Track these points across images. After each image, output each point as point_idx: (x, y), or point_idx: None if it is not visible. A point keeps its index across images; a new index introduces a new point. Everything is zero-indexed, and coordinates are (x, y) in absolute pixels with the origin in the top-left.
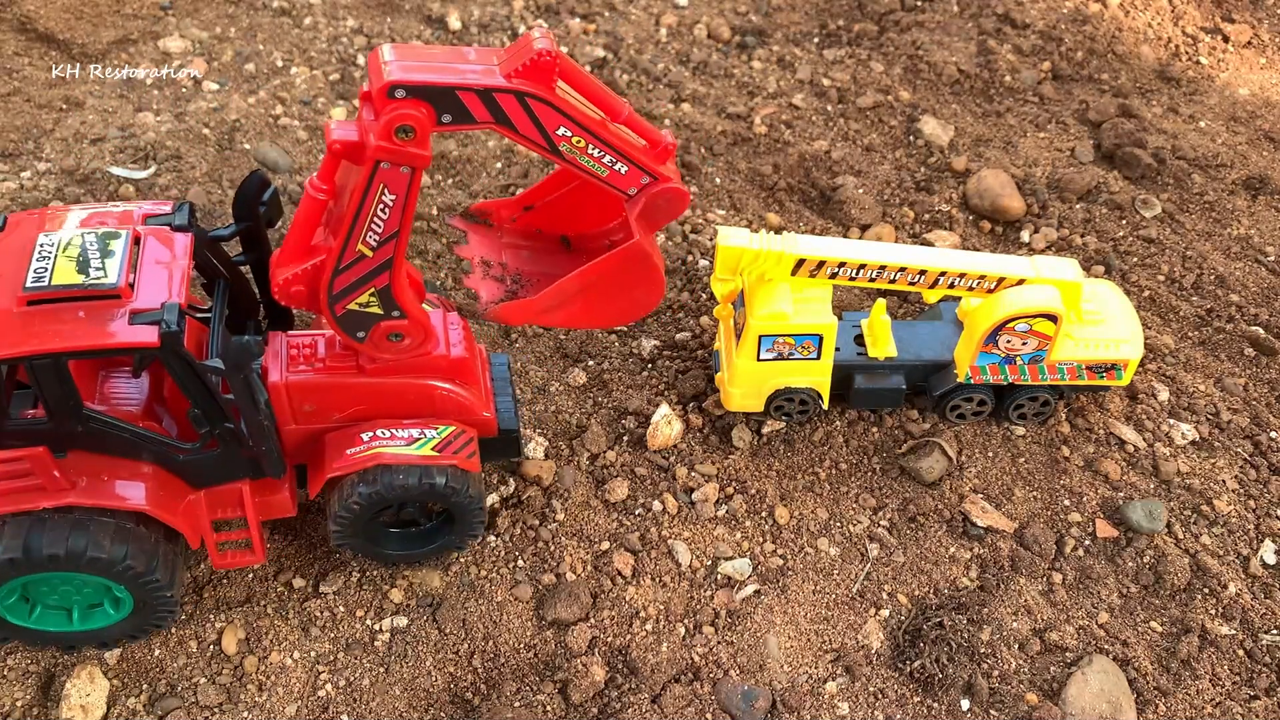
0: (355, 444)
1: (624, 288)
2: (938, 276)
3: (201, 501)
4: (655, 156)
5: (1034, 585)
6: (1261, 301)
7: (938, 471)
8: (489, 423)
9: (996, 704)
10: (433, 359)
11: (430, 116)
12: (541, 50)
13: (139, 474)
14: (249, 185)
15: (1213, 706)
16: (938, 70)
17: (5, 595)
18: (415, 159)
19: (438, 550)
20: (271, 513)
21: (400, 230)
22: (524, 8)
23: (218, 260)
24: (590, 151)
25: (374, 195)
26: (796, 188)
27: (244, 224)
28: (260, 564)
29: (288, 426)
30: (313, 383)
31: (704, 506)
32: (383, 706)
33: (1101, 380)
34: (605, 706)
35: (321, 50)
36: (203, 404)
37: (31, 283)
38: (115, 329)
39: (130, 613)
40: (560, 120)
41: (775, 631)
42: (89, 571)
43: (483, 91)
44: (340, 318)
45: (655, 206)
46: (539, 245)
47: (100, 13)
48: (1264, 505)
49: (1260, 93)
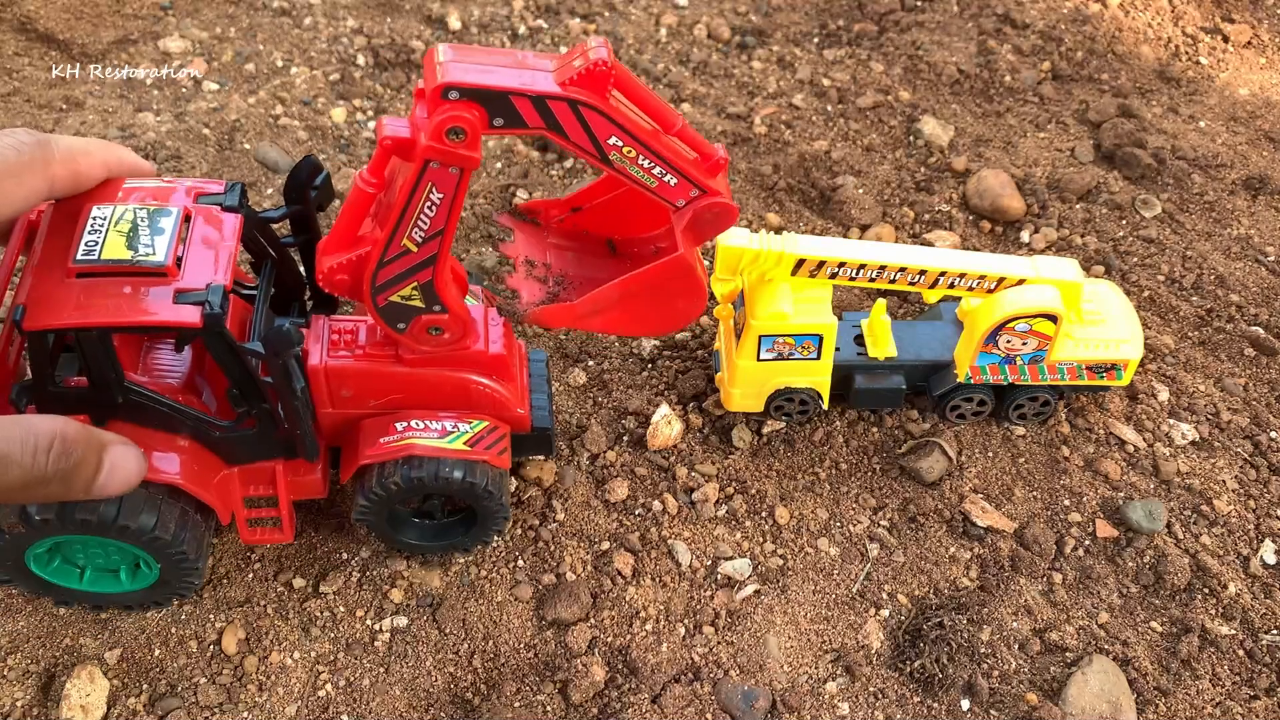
0: (389, 433)
1: (666, 298)
2: (938, 276)
3: (235, 478)
4: (706, 170)
5: (1034, 585)
6: (1261, 301)
7: (938, 471)
8: (523, 419)
9: (996, 704)
10: (471, 353)
11: (482, 119)
12: (598, 60)
13: (175, 447)
14: (301, 169)
15: (1213, 706)
16: (938, 70)
17: (37, 548)
18: (465, 160)
19: (453, 547)
20: (303, 493)
21: (446, 228)
22: (524, 8)
23: (266, 241)
24: (640, 162)
25: (422, 193)
26: (796, 188)
27: (294, 207)
28: (289, 542)
29: (324, 410)
30: (352, 368)
31: (704, 506)
32: (383, 706)
33: (1101, 380)
34: (605, 706)
35: (321, 50)
36: (241, 384)
37: (82, 255)
38: (159, 307)
39: (156, 581)
40: (612, 130)
41: (775, 631)
42: (118, 539)
43: (536, 98)
44: (382, 309)
45: (702, 220)
46: (584, 247)
47: (100, 13)
48: (1264, 505)
49: (1260, 93)
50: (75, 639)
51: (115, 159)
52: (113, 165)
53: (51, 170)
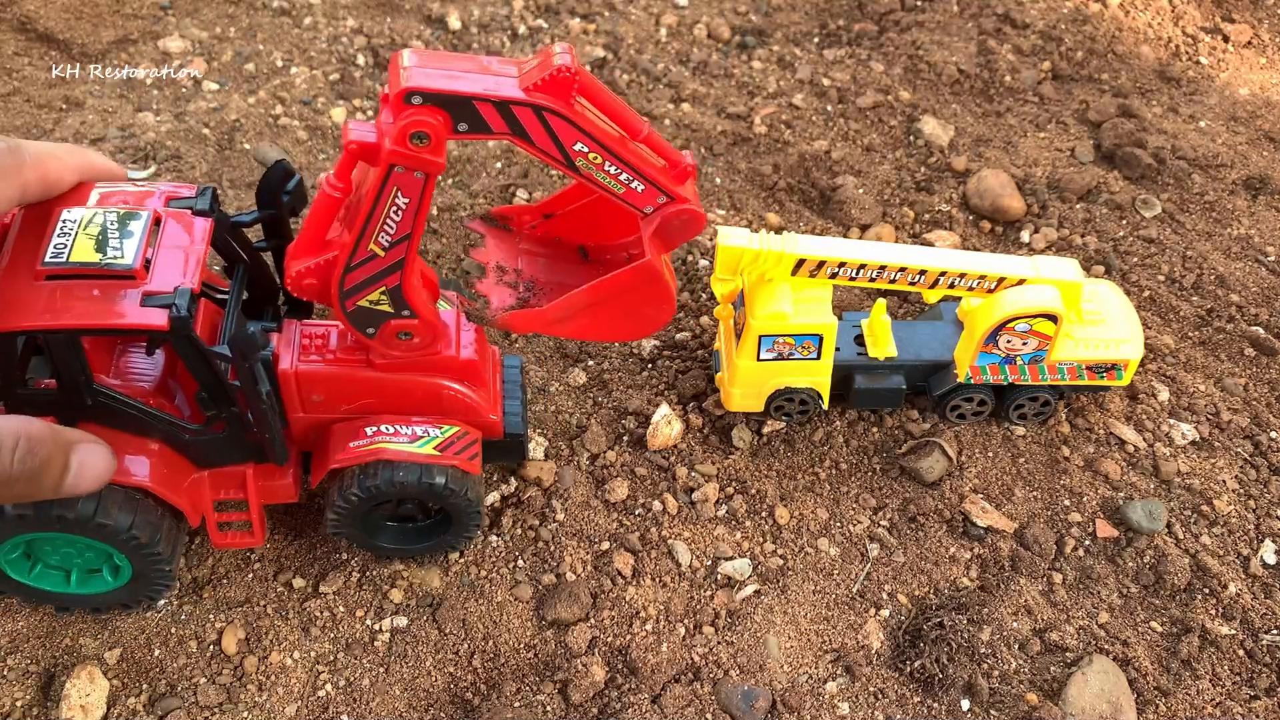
0: (359, 437)
1: (634, 305)
2: (938, 276)
3: (205, 481)
4: (674, 177)
5: (1034, 585)
6: (1261, 301)
7: (938, 471)
8: (495, 425)
9: (996, 704)
10: (442, 358)
11: (446, 124)
12: (561, 66)
13: (145, 450)
14: (274, 174)
15: (1213, 706)
16: (938, 70)
17: (9, 550)
18: (429, 165)
19: (432, 549)
20: (274, 497)
21: (412, 233)
22: (524, 8)
23: (238, 245)
24: (606, 168)
25: (387, 197)
26: (796, 188)
27: (267, 211)
28: (259, 546)
29: (295, 414)
30: (322, 373)
31: (704, 506)
32: (383, 706)
33: (1102, 380)
34: (605, 706)
35: (321, 50)
36: (210, 388)
37: (50, 258)
38: (127, 309)
39: (128, 581)
40: (577, 136)
41: (775, 631)
42: (94, 537)
43: (500, 103)
44: (351, 313)
45: (670, 226)
46: (556, 253)
47: (100, 13)
48: (1264, 505)
49: (1260, 93)
50: (75, 639)
51: (86, 163)
52: (84, 170)
53: (23, 176)
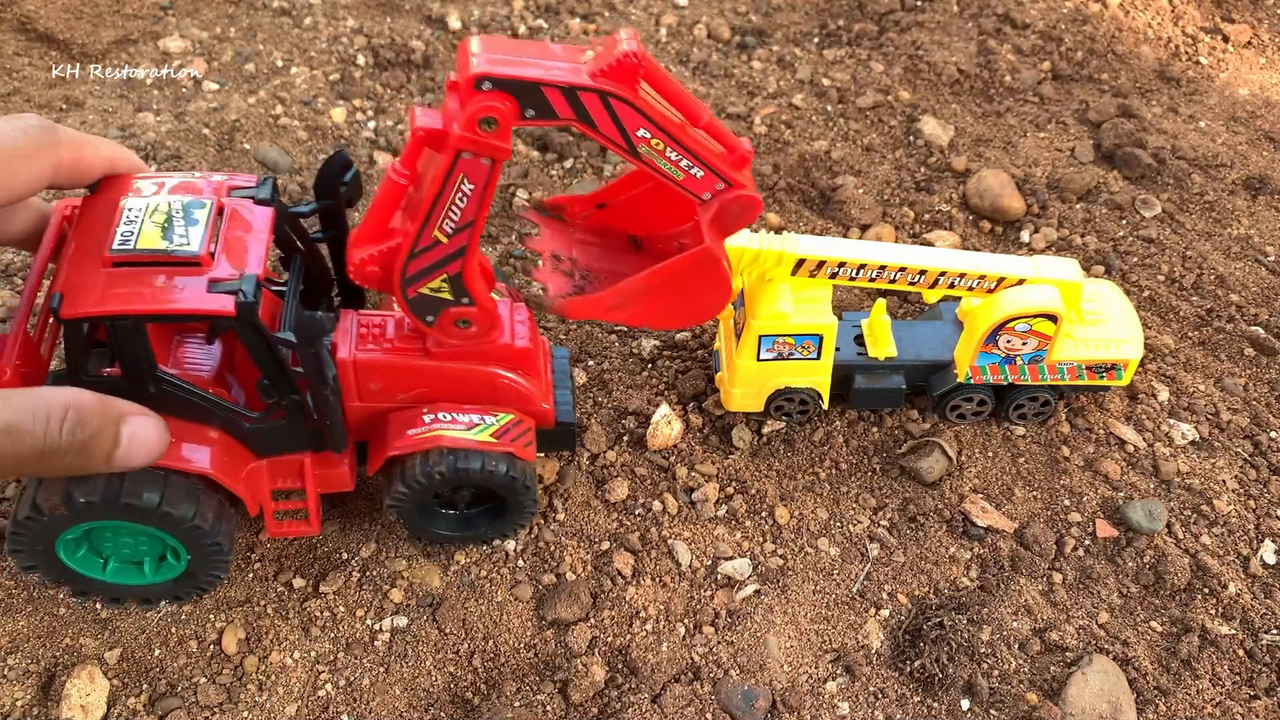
0: (417, 425)
1: (691, 291)
2: (938, 276)
3: (263, 470)
4: (732, 163)
5: (1034, 585)
6: (1261, 301)
7: (938, 471)
8: (547, 414)
9: (996, 704)
10: (497, 347)
11: (514, 110)
12: (628, 51)
13: (205, 438)
14: (332, 165)
15: (1213, 706)
16: (938, 70)
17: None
18: (496, 151)
19: (483, 537)
20: (330, 486)
21: (476, 220)
22: (524, 8)
23: (296, 236)
24: (668, 154)
25: (453, 184)
26: (796, 188)
27: (325, 202)
28: (315, 534)
29: (352, 403)
30: (380, 362)
31: (704, 506)
32: (383, 706)
33: (1101, 380)
34: (605, 706)
35: (321, 50)
36: (272, 375)
37: (118, 245)
38: (193, 296)
39: (182, 573)
40: (641, 122)
41: (775, 631)
42: (158, 526)
43: (567, 89)
44: (411, 301)
45: (728, 212)
46: (608, 243)
47: (100, 13)
48: (1264, 505)
49: (1260, 93)
50: (75, 639)
51: (117, 154)
52: (114, 161)
53: (58, 155)
